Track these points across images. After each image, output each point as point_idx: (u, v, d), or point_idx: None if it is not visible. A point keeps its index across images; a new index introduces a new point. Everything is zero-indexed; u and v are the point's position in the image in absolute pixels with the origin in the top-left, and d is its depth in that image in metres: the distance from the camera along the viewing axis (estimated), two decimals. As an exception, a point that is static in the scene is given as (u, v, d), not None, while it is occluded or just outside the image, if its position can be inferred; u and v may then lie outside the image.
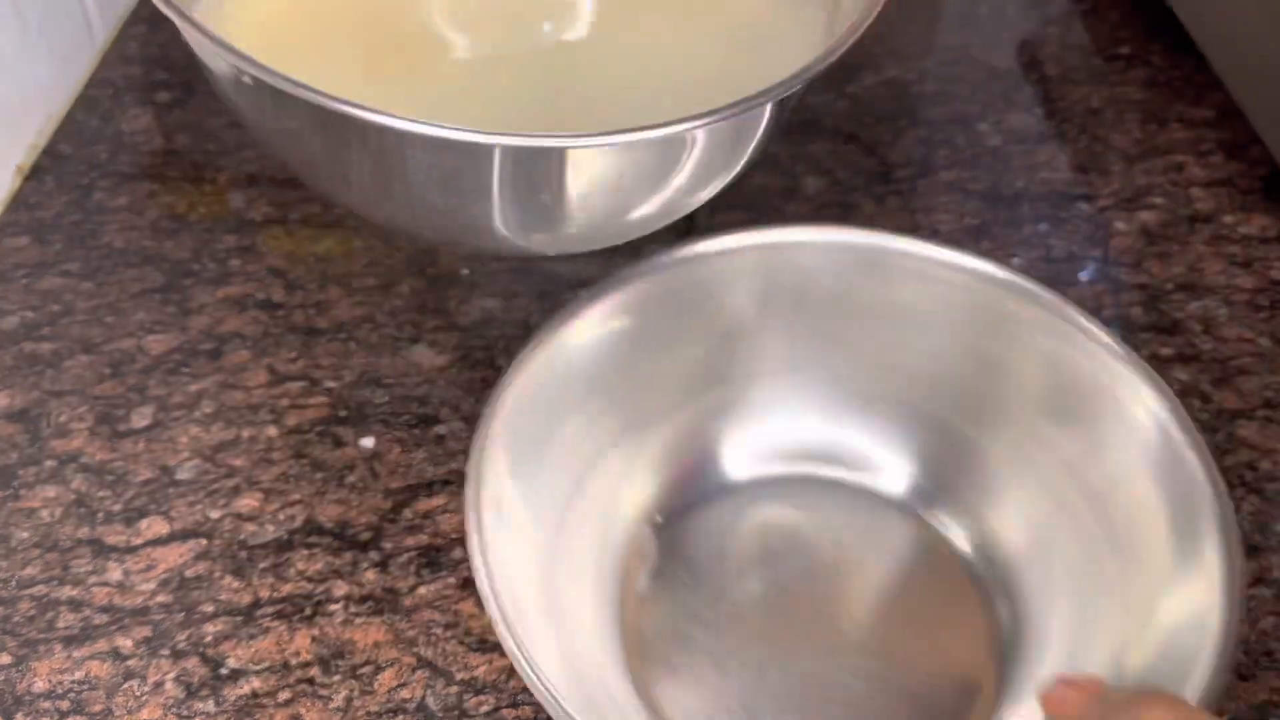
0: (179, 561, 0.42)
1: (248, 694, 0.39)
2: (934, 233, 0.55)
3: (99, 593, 0.41)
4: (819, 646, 0.39)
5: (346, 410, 0.47)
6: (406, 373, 0.49)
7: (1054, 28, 0.69)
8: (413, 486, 0.45)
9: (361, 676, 0.39)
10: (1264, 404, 0.48)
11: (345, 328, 0.51)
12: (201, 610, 0.41)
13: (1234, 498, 0.44)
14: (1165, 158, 0.60)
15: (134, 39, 0.67)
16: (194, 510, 0.44)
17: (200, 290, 0.52)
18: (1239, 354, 0.50)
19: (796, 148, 0.60)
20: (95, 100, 0.63)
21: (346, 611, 0.41)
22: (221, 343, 0.50)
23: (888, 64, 0.66)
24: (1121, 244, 0.55)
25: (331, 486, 0.45)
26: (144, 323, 0.51)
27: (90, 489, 0.45)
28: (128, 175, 0.58)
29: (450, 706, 0.39)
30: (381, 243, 0.55)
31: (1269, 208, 0.57)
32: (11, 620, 0.41)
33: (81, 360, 0.49)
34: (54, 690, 0.39)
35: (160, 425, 0.47)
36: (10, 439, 0.46)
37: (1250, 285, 0.53)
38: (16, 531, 0.43)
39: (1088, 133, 0.61)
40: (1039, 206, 0.57)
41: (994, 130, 0.61)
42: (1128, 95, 0.64)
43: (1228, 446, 0.46)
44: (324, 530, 0.43)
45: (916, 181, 0.58)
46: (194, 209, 0.57)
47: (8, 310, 0.51)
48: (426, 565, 0.42)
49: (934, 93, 0.64)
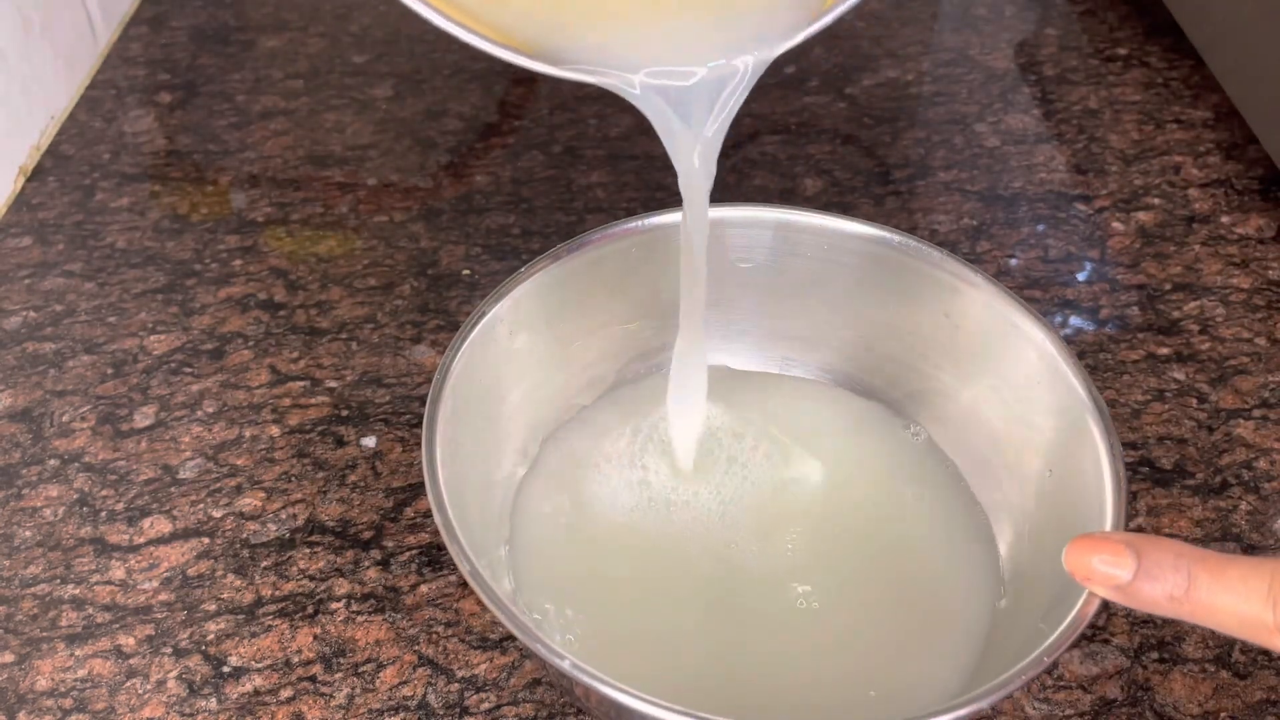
0: (181, 560, 0.43)
1: (250, 692, 0.39)
2: (932, 233, 0.55)
3: (101, 591, 0.42)
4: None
5: (348, 410, 0.48)
6: (408, 372, 0.49)
7: (1052, 29, 0.69)
8: (414, 485, 0.45)
9: (363, 674, 0.39)
10: (1261, 403, 0.48)
11: (347, 328, 0.51)
12: (204, 609, 0.41)
13: (1231, 497, 0.44)
14: (1163, 158, 0.60)
15: (136, 40, 0.67)
16: (196, 509, 0.44)
17: (202, 290, 0.53)
18: (1236, 354, 0.50)
19: (795, 149, 0.60)
20: (97, 101, 0.63)
21: (348, 610, 0.41)
22: (223, 343, 0.50)
23: (886, 65, 0.66)
24: (1119, 244, 0.55)
25: (333, 486, 0.45)
26: (146, 323, 0.51)
27: (93, 488, 0.45)
28: (130, 176, 0.58)
29: (451, 704, 0.39)
30: (383, 243, 0.55)
31: (1266, 208, 0.57)
32: (14, 619, 0.41)
33: (84, 360, 0.49)
34: (57, 688, 0.39)
35: (162, 425, 0.47)
36: (13, 438, 0.46)
37: (1247, 285, 0.53)
38: (19, 530, 0.43)
39: (1085, 133, 0.61)
40: (1037, 207, 0.57)
41: (992, 131, 0.62)
42: (1125, 96, 0.64)
43: (1225, 445, 0.46)
44: (326, 529, 0.44)
45: (915, 182, 0.58)
46: (196, 209, 0.57)
47: (10, 310, 0.52)
48: (428, 564, 0.42)
49: (932, 94, 0.64)
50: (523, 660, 0.40)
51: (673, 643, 0.39)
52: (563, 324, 0.43)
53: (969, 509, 0.42)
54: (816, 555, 0.41)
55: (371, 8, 0.70)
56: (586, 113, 0.62)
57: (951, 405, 0.44)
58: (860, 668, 0.38)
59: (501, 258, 0.54)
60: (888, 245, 0.43)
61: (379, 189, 0.58)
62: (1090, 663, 0.40)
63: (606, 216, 0.56)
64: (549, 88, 0.64)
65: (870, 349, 0.45)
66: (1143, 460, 0.46)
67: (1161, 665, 0.40)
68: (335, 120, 0.62)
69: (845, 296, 0.44)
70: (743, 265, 0.45)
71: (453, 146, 0.61)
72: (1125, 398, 0.48)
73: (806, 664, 0.38)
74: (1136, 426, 0.47)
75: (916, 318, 0.43)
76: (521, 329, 0.42)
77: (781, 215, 0.44)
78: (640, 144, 0.60)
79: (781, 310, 0.46)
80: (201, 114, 0.62)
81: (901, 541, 0.41)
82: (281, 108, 0.63)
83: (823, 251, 0.44)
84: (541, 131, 0.61)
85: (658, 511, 0.42)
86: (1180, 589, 0.30)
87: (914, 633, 0.39)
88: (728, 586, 0.40)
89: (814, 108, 0.63)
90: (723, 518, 0.42)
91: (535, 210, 0.57)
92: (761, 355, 0.47)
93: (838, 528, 0.42)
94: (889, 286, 0.43)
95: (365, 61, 0.66)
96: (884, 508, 0.42)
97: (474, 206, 0.57)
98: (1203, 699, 0.39)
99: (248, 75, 0.65)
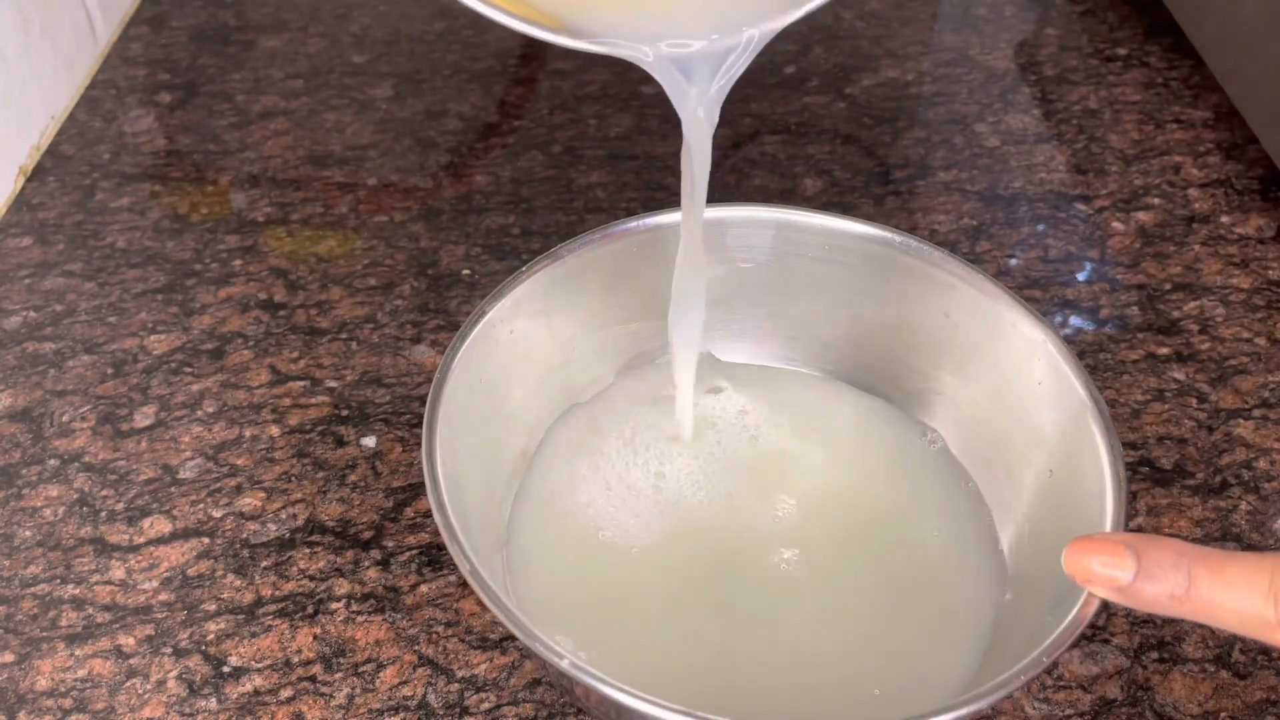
0: (181, 560, 0.43)
1: (250, 692, 0.39)
2: (932, 233, 0.55)
3: (101, 591, 0.42)
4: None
5: (348, 410, 0.48)
6: (408, 372, 0.49)
7: (1052, 29, 0.69)
8: (414, 485, 0.45)
9: (363, 674, 0.39)
10: (1260, 403, 0.48)
11: (347, 328, 0.51)
12: (204, 609, 0.41)
13: (1231, 497, 0.44)
14: (1162, 158, 0.60)
15: (136, 40, 0.67)
16: (196, 509, 0.44)
17: (202, 290, 0.53)
18: (1236, 353, 0.50)
19: (795, 149, 0.60)
20: (98, 101, 0.63)
21: (348, 610, 0.41)
22: (223, 342, 0.50)
23: (886, 65, 0.66)
24: (1119, 244, 0.55)
25: (333, 486, 0.45)
26: (146, 323, 0.51)
27: (93, 488, 0.45)
28: (130, 176, 0.58)
29: (451, 704, 0.39)
30: (383, 243, 0.55)
31: (1266, 208, 0.57)
32: (14, 619, 0.41)
33: (84, 360, 0.49)
34: (57, 688, 0.39)
35: (162, 425, 0.47)
36: (13, 438, 0.46)
37: (1247, 285, 0.53)
38: (19, 530, 0.43)
39: (1085, 133, 0.61)
40: (1037, 207, 0.57)
41: (992, 131, 0.62)
42: (1125, 96, 0.64)
43: (1225, 445, 0.46)
44: (326, 529, 0.44)
45: (915, 182, 0.58)
46: (196, 209, 0.57)
47: (10, 310, 0.52)
48: (428, 564, 0.42)
49: (932, 94, 0.64)
50: (523, 660, 0.40)
51: (676, 643, 0.39)
52: (563, 324, 0.43)
53: (976, 508, 0.42)
54: (818, 554, 0.41)
55: (371, 8, 0.70)
56: (586, 113, 0.62)
57: (951, 405, 0.44)
58: (865, 666, 0.38)
59: (501, 258, 0.54)
60: (888, 245, 0.43)
61: (379, 189, 0.58)
62: (1090, 663, 0.40)
63: (606, 216, 0.56)
64: (549, 87, 0.64)
65: (870, 349, 0.45)
66: (1143, 460, 0.46)
67: (1161, 665, 0.40)
68: (335, 120, 0.62)
69: (845, 297, 0.44)
70: (743, 265, 0.45)
71: (453, 146, 0.61)
72: (1125, 398, 0.48)
73: (809, 663, 0.38)
74: (1136, 426, 0.47)
75: (916, 317, 0.43)
76: (521, 329, 0.42)
77: (782, 215, 0.44)
78: (640, 144, 0.60)
79: (781, 310, 0.46)
80: (201, 114, 0.62)
81: (907, 539, 0.41)
82: (281, 108, 0.63)
83: (823, 251, 0.44)
84: (541, 131, 0.61)
85: (658, 511, 0.42)
86: (1181, 588, 0.30)
87: (919, 632, 0.39)
88: (730, 584, 0.40)
89: (814, 108, 0.63)
90: (723, 517, 0.42)
91: (535, 210, 0.57)
92: (762, 355, 0.47)
93: (841, 526, 0.42)
94: (889, 286, 0.43)
95: (365, 61, 0.66)
96: (889, 505, 0.42)
97: (474, 206, 0.57)
98: (1203, 699, 0.39)
99: (248, 75, 0.65)
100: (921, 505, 0.42)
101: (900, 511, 0.42)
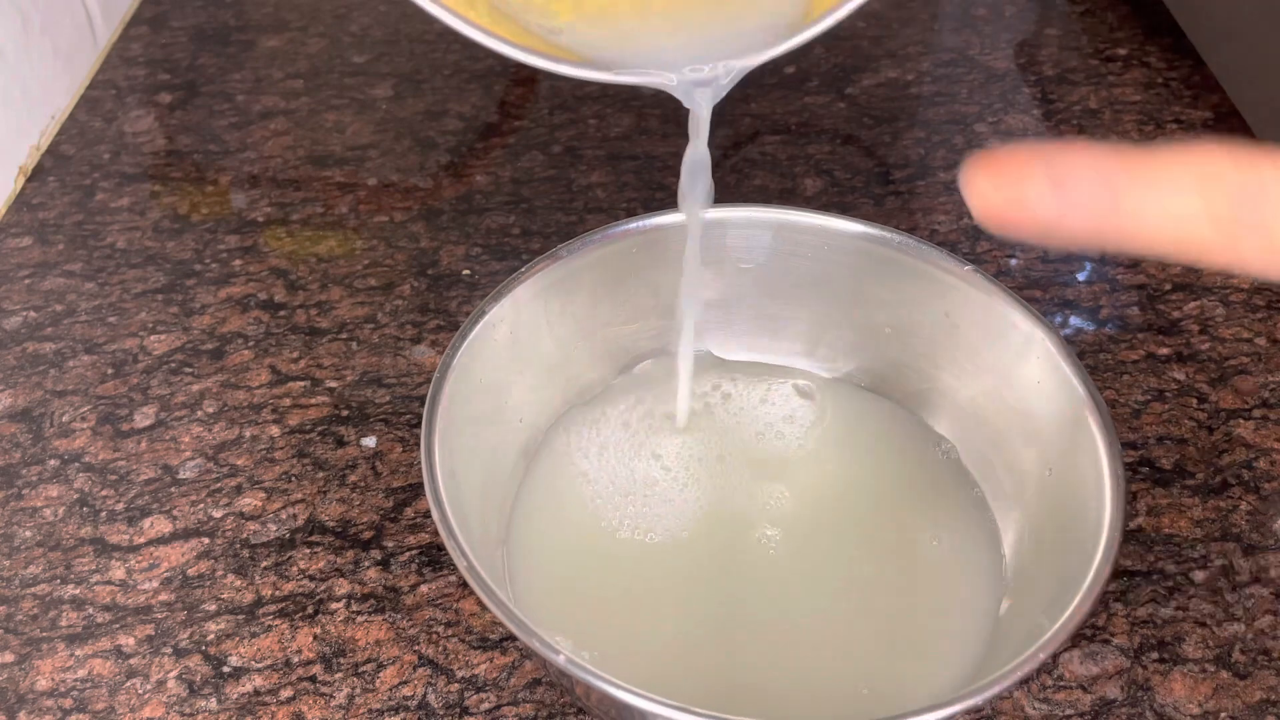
0: (181, 560, 0.43)
1: (250, 692, 0.39)
2: (932, 233, 0.55)
3: (101, 591, 0.42)
4: None
5: (348, 410, 0.48)
6: (408, 372, 0.49)
7: (1052, 29, 0.69)
8: (414, 485, 0.45)
9: (363, 674, 0.39)
10: (1261, 403, 0.48)
11: (347, 328, 0.51)
12: (204, 609, 0.41)
13: (1231, 497, 0.44)
14: (1163, 158, 0.60)
15: (136, 40, 0.67)
16: (196, 509, 0.44)
17: (202, 290, 0.53)
18: (1236, 354, 0.50)
19: (795, 149, 0.60)
20: (97, 101, 0.63)
21: (348, 610, 0.41)
22: (224, 343, 0.50)
23: (886, 65, 0.66)
24: (1119, 244, 0.55)
25: (333, 486, 0.45)
26: (146, 323, 0.51)
27: (93, 488, 0.45)
28: (130, 176, 0.58)
29: (451, 704, 0.39)
30: (383, 243, 0.55)
31: (1266, 208, 0.57)
32: (14, 619, 0.41)
33: (84, 360, 0.49)
34: (57, 688, 0.39)
35: (162, 425, 0.47)
36: (13, 438, 0.46)
37: (1247, 285, 0.53)
38: (19, 530, 0.43)
39: (1085, 133, 0.61)
40: (1037, 207, 0.57)
41: (992, 131, 0.62)
42: (1125, 96, 0.64)
43: (1225, 445, 0.46)
44: (326, 529, 0.44)
45: (915, 182, 0.58)
46: (196, 209, 0.57)
47: (10, 310, 0.52)
48: (428, 564, 0.43)
49: (932, 94, 0.64)
50: (523, 660, 0.40)
51: (676, 642, 0.39)
52: (563, 324, 0.43)
53: (976, 507, 0.42)
54: (818, 554, 0.41)
55: (371, 8, 0.70)
56: (586, 113, 0.62)
57: (951, 405, 0.44)
58: (866, 665, 0.38)
59: (501, 258, 0.54)
60: (888, 245, 0.43)
61: (379, 189, 0.58)
62: (1090, 663, 0.40)
63: (606, 216, 0.56)
64: (549, 87, 0.64)
65: (870, 349, 0.45)
66: (1143, 460, 0.46)
67: (1161, 665, 0.40)
68: (335, 120, 0.62)
69: (845, 297, 0.45)
70: (743, 266, 0.45)
71: (453, 146, 0.61)
72: (1125, 398, 0.48)
73: (809, 661, 0.38)
74: (1136, 426, 0.47)
75: (916, 318, 0.43)
76: (521, 329, 0.42)
77: (781, 215, 0.44)
78: (640, 144, 0.60)
79: (781, 311, 0.46)
80: (201, 114, 0.63)
81: (907, 537, 0.41)
82: (281, 108, 0.63)
83: (823, 252, 0.44)
84: (541, 131, 0.61)
85: (658, 510, 0.42)
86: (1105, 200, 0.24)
87: (919, 630, 0.39)
88: (731, 584, 0.40)
89: (814, 108, 0.63)
90: (723, 516, 0.42)
91: (535, 210, 0.57)
92: (762, 355, 0.47)
93: (841, 525, 0.42)
94: (889, 286, 0.43)
95: (365, 61, 0.66)
96: (889, 503, 0.42)
97: (474, 206, 0.57)
98: (1203, 699, 0.39)
99: (248, 75, 0.65)
100: (921, 503, 0.42)
101: (900, 510, 0.42)
